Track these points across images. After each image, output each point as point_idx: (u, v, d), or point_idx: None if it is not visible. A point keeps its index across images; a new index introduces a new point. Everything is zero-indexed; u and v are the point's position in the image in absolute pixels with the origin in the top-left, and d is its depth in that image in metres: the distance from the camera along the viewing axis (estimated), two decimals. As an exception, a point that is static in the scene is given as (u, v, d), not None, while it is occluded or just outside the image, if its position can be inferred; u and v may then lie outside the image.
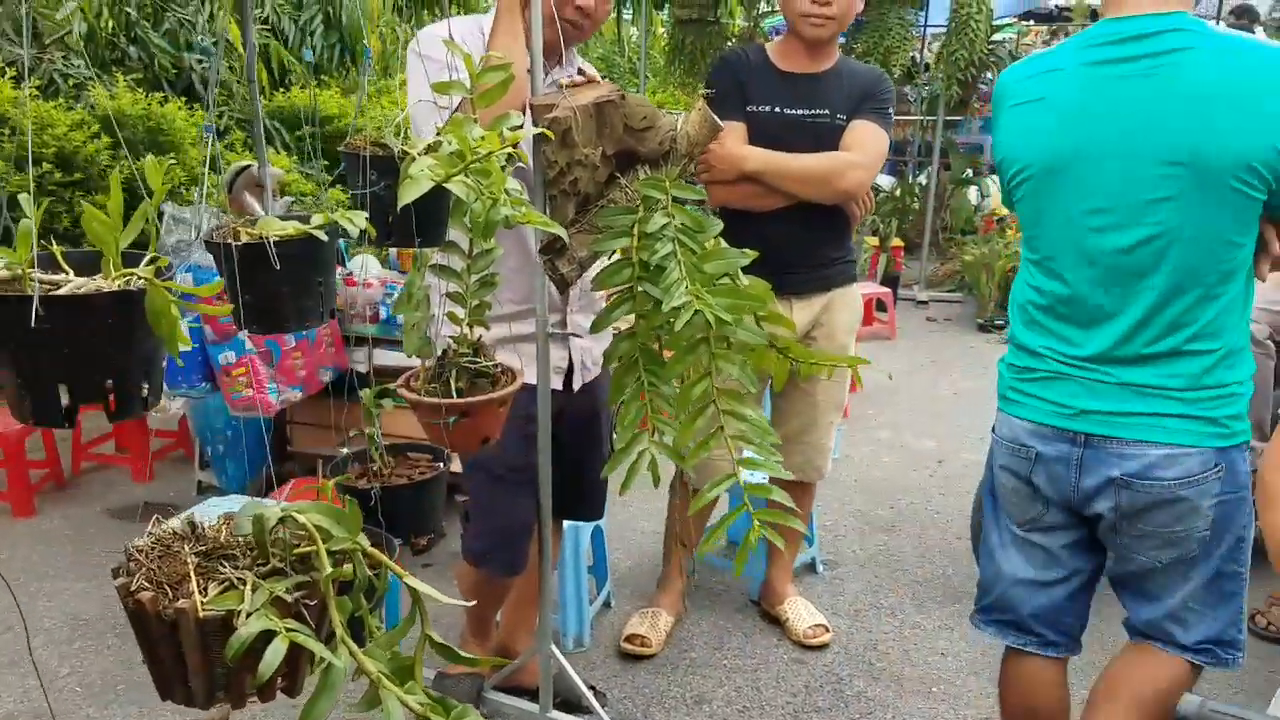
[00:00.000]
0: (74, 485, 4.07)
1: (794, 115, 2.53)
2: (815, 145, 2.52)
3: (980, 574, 1.98)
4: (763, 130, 2.51)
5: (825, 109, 2.54)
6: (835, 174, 2.50)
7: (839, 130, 2.54)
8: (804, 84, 2.55)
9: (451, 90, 1.45)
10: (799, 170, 2.50)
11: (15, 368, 0.89)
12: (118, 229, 0.89)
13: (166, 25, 6.45)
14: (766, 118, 2.52)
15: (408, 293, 1.69)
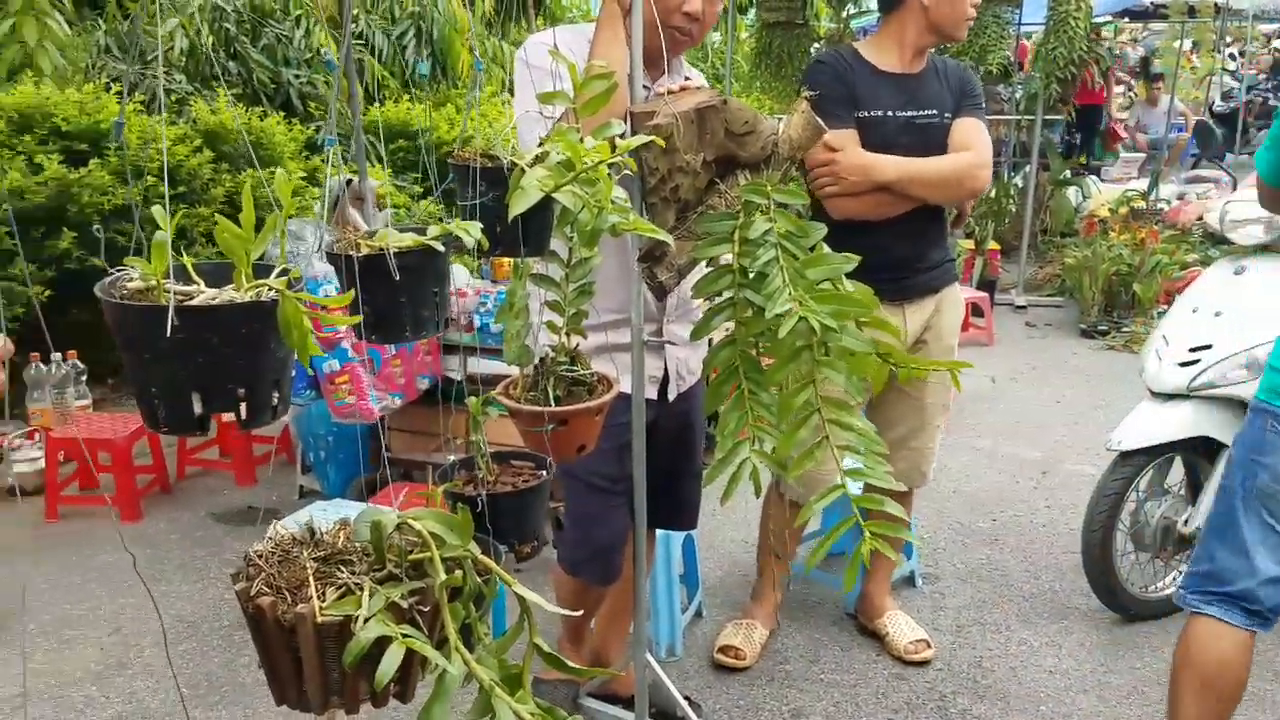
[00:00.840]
0: (179, 490, 4.21)
1: (905, 118, 2.49)
2: (924, 147, 2.48)
3: (1214, 563, 1.98)
4: (877, 135, 2.47)
5: (934, 109, 2.51)
6: (966, 175, 2.48)
7: (945, 129, 2.51)
8: (909, 85, 2.52)
9: (555, 100, 1.46)
10: (933, 175, 2.47)
11: (150, 376, 0.92)
12: (250, 241, 0.92)
13: (264, 41, 6.65)
14: (879, 122, 2.48)
15: (509, 302, 1.70)
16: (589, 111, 1.46)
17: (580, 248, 1.54)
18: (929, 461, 2.78)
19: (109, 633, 3.07)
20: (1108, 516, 2.92)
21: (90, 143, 4.94)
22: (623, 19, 1.75)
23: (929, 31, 2.50)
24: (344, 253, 1.21)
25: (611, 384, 1.72)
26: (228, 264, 0.95)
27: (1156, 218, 7.35)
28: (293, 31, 6.78)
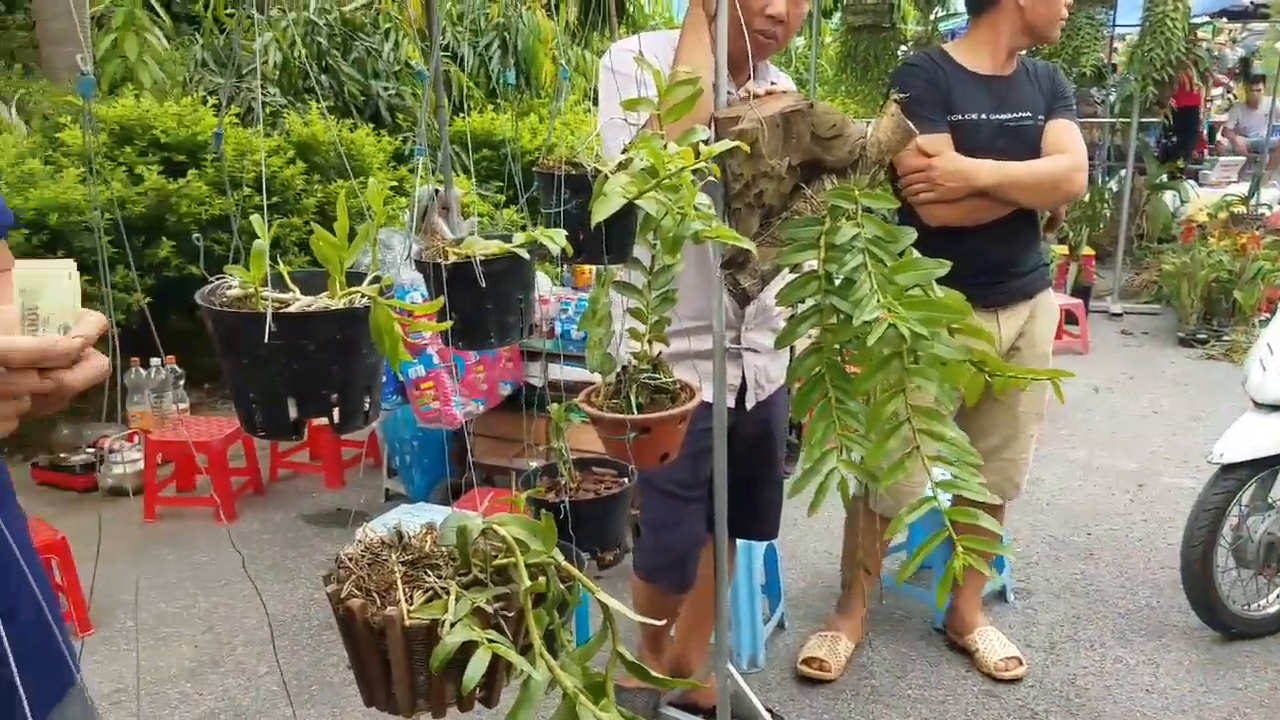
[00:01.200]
0: (272, 492, 4.33)
1: (998, 121, 2.44)
2: (1018, 150, 2.43)
3: None
4: (973, 139, 2.42)
5: (1027, 111, 2.46)
6: (1063, 179, 2.43)
7: (1038, 132, 2.46)
8: (1001, 87, 2.47)
9: (640, 107, 1.46)
10: (1030, 179, 2.42)
11: (247, 382, 0.94)
12: (343, 250, 0.93)
13: (355, 55, 6.81)
14: (973, 125, 2.43)
15: (591, 309, 1.70)
16: (673, 117, 1.45)
17: (663, 254, 1.54)
18: (1022, 472, 2.71)
19: (203, 630, 3.16)
20: (1208, 531, 2.81)
21: (188, 154, 5.11)
22: (707, 24, 1.74)
23: (1023, 33, 2.44)
24: (432, 261, 1.23)
25: (694, 392, 1.71)
26: (321, 272, 0.97)
27: (1258, 223, 7.08)
28: (382, 45, 6.93)
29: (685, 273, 1.95)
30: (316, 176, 5.43)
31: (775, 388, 2.33)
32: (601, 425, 1.63)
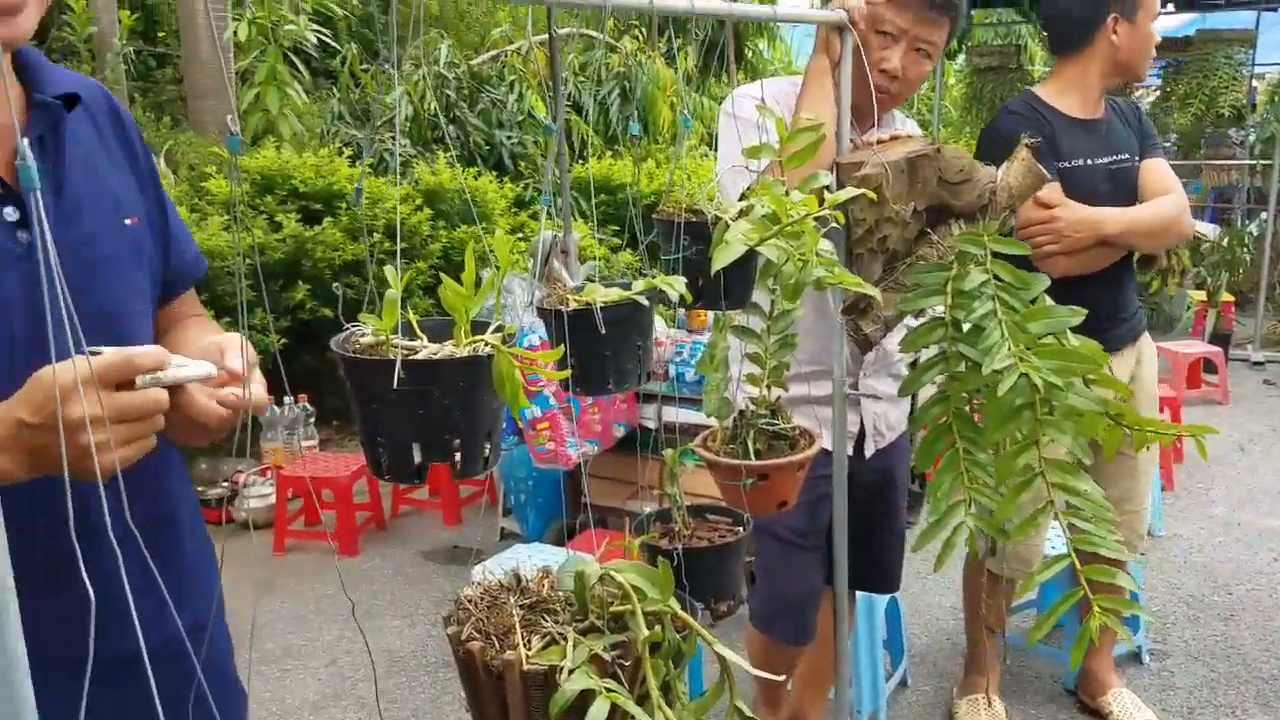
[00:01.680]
0: (393, 528, 4.43)
1: (1103, 165, 2.37)
2: (1121, 194, 2.37)
3: None
4: (1081, 186, 2.34)
5: (1125, 153, 2.38)
6: (1176, 221, 2.35)
7: (1136, 172, 2.39)
8: (1100, 129, 2.39)
9: (762, 153, 1.46)
10: (1150, 224, 2.34)
11: (376, 427, 0.96)
12: (470, 299, 0.95)
13: (481, 105, 7.04)
14: (1081, 171, 2.36)
15: (709, 354, 1.69)
16: (795, 164, 1.44)
17: (783, 300, 1.52)
18: (1145, 524, 2.62)
19: (326, 664, 3.24)
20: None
21: (324, 202, 5.35)
22: (831, 71, 1.73)
23: (1114, 72, 2.36)
24: (553, 308, 1.24)
25: (814, 438, 1.68)
26: (448, 319, 0.99)
27: None
28: (507, 96, 7.14)
29: (803, 317, 1.94)
30: (442, 222, 5.61)
31: (895, 435, 2.27)
32: (718, 471, 1.61)
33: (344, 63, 7.41)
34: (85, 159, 1.11)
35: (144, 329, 1.18)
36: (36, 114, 1.05)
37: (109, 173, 1.15)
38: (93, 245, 1.09)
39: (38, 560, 1.02)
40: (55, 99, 1.07)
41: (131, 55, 7.35)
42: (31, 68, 1.08)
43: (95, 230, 1.09)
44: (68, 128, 1.10)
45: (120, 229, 1.13)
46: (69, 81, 1.11)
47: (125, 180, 1.17)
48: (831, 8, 1.72)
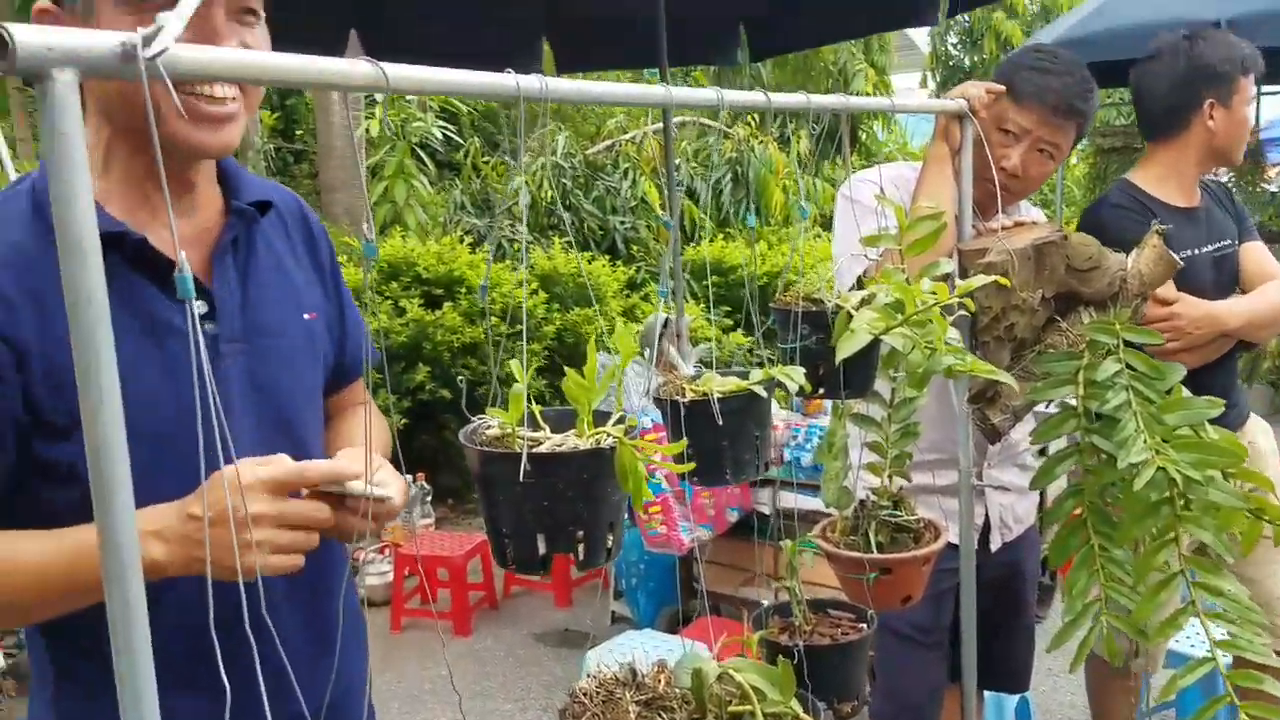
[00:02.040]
0: (505, 608, 4.45)
1: (1207, 254, 2.27)
2: (1224, 281, 2.27)
3: None
4: (1190, 278, 2.25)
5: (1227, 239, 2.28)
6: None
7: (1236, 258, 2.28)
8: (1200, 217, 2.29)
9: (881, 241, 1.45)
10: (1267, 314, 2.24)
11: (502, 517, 0.97)
12: (592, 390, 0.96)
13: (595, 193, 7.23)
14: (1191, 263, 2.26)
15: (828, 441, 1.67)
16: (916, 251, 1.43)
17: (906, 388, 1.50)
18: None
19: (439, 745, 3.25)
20: None
21: (445, 287, 5.53)
22: (951, 159, 1.72)
23: (1211, 159, 2.26)
24: (669, 398, 1.24)
25: (938, 531, 1.63)
26: (568, 410, 1.01)
27: None
28: (621, 183, 7.32)
29: (926, 405, 1.90)
30: (556, 305, 5.73)
31: (1023, 528, 2.19)
32: (839, 564, 1.57)
33: (466, 155, 7.72)
34: (272, 259, 1.21)
35: (314, 417, 1.27)
36: (233, 219, 1.16)
37: (293, 272, 1.24)
38: (272, 336, 1.18)
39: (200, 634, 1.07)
40: (249, 205, 1.17)
41: (271, 152, 7.81)
42: (230, 176, 1.19)
43: (275, 323, 1.18)
44: (260, 230, 1.20)
45: (299, 323, 1.22)
46: (263, 190, 1.22)
47: (308, 279, 1.27)
48: (951, 96, 1.71)
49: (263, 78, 0.67)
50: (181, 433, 1.05)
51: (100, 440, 0.60)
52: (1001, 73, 1.93)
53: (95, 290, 0.58)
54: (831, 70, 8.98)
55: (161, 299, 1.07)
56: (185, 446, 1.05)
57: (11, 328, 1.00)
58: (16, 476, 1.04)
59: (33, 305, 1.01)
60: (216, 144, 1.05)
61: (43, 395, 1.01)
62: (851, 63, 9.14)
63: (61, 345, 1.03)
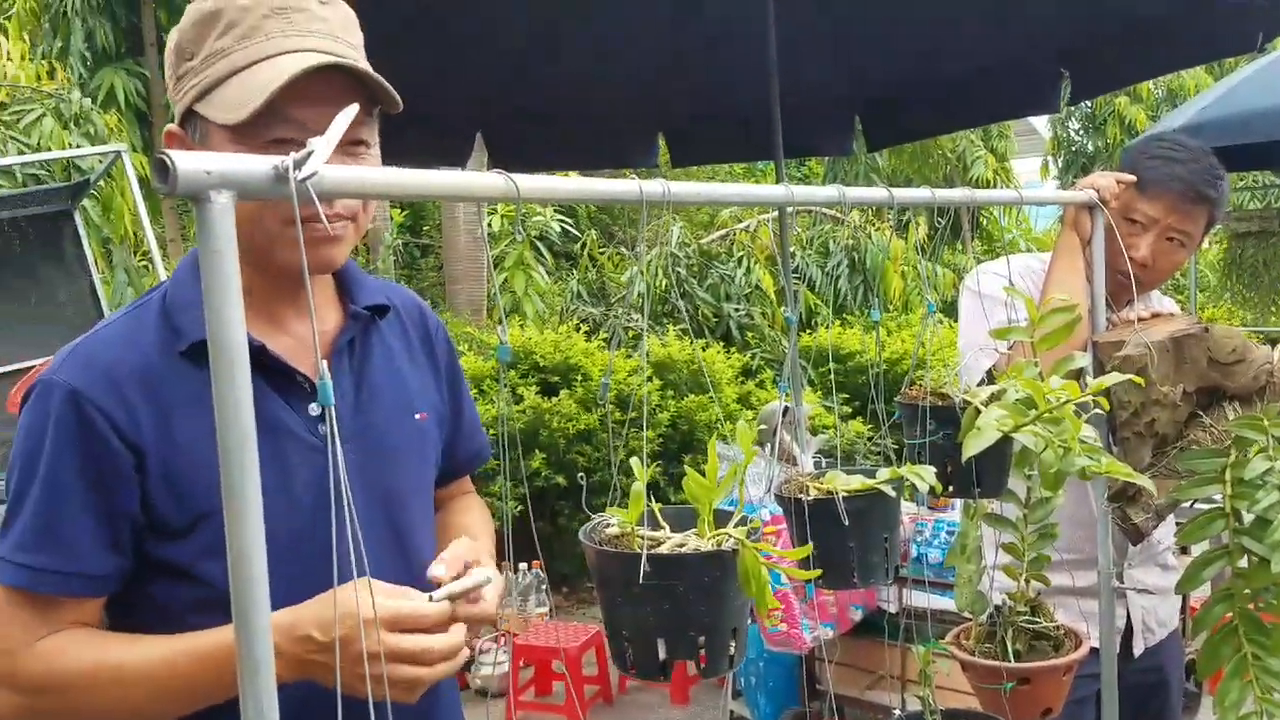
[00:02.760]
0: (619, 703, 4.37)
1: None
2: None
3: None
4: None
5: None
6: None
7: None
8: None
9: (1011, 335, 1.41)
10: None
11: (621, 619, 0.96)
12: (713, 491, 0.95)
13: (710, 280, 7.29)
14: None
15: (960, 543, 1.61)
16: (1048, 345, 1.39)
17: (1044, 489, 1.44)
18: None
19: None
20: None
21: (561, 375, 5.61)
22: (1081, 250, 1.68)
23: None
24: (792, 496, 1.22)
25: (1079, 639, 1.54)
26: (687, 507, 1.00)
27: None
28: (734, 271, 7.37)
29: (1062, 503, 1.81)
30: (670, 392, 5.74)
31: (1166, 632, 2.06)
32: (974, 672, 1.50)
33: (583, 247, 7.91)
34: (387, 360, 1.25)
35: (423, 515, 1.29)
36: (350, 322, 1.20)
37: (408, 372, 1.28)
38: (382, 436, 1.20)
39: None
40: (366, 309, 1.22)
41: (400, 247, 8.16)
42: (349, 281, 1.24)
43: (385, 424, 1.21)
44: (377, 332, 1.25)
45: (410, 424, 1.25)
46: (382, 292, 1.27)
47: (423, 379, 1.30)
48: (1080, 187, 1.67)
49: (406, 193, 0.70)
50: (291, 532, 1.08)
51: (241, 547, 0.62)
52: (1128, 162, 1.88)
53: (243, 400, 0.61)
54: (950, 157, 8.92)
55: (277, 401, 1.12)
56: (297, 546, 1.08)
57: (134, 433, 1.05)
58: (131, 573, 1.08)
59: (155, 411, 1.06)
60: (324, 261, 1.10)
61: (160, 498, 1.06)
62: (970, 149, 9.07)
63: (179, 450, 1.08)
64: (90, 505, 1.04)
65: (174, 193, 0.59)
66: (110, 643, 1.06)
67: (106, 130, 4.56)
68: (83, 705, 1.05)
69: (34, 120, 4.18)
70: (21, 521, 1.04)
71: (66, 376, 1.05)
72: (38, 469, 1.04)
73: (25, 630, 1.04)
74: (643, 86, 3.77)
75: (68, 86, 4.57)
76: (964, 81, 3.73)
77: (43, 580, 1.03)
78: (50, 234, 3.61)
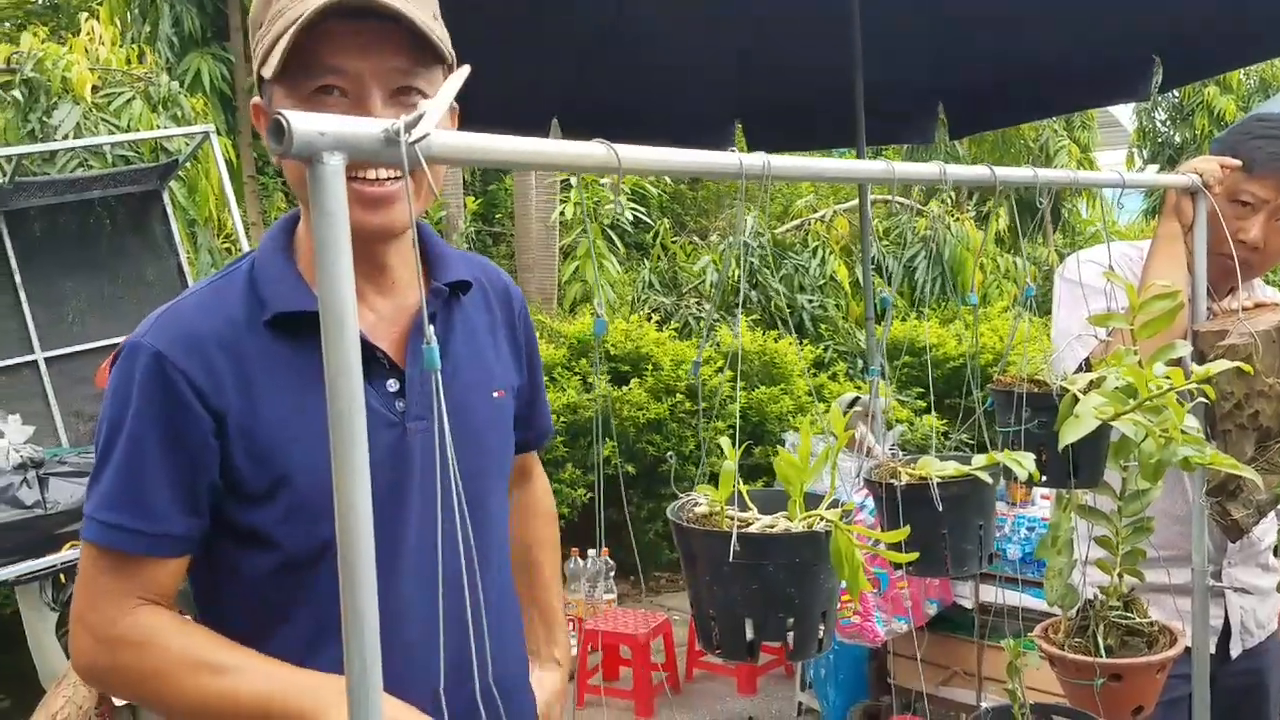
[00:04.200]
0: (687, 691, 4.37)
1: None
2: None
3: None
4: None
5: None
6: None
7: None
8: None
9: (1111, 322, 1.36)
10: None
11: (709, 599, 0.95)
12: (805, 472, 0.94)
13: (783, 271, 7.23)
14: None
15: (1052, 535, 1.56)
16: (1148, 333, 1.34)
17: (1142, 480, 1.39)
18: None
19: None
20: None
21: (632, 365, 5.62)
22: (1183, 236, 1.62)
23: None
24: (883, 480, 1.20)
25: (1175, 636, 1.49)
26: (774, 491, 0.99)
27: None
28: (809, 261, 7.29)
29: (1158, 497, 1.76)
30: (742, 384, 5.71)
31: (1266, 634, 1.99)
32: (1063, 667, 1.46)
33: (655, 236, 7.90)
34: (469, 337, 1.25)
35: (499, 492, 1.30)
36: (431, 298, 1.20)
37: (488, 349, 1.28)
38: (462, 414, 1.20)
39: None
40: (448, 284, 1.22)
41: (473, 235, 8.24)
42: (434, 256, 1.24)
43: (466, 401, 1.21)
44: (460, 308, 1.25)
45: (488, 402, 1.25)
46: (468, 268, 1.27)
47: (503, 356, 1.31)
48: (1183, 171, 1.62)
49: (510, 160, 0.70)
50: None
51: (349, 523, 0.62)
52: (1227, 146, 1.81)
53: (353, 363, 0.61)
54: (1032, 147, 8.72)
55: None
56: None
57: (216, 397, 1.06)
58: (211, 535, 1.10)
59: (237, 377, 1.08)
60: (376, 223, 1.08)
61: (240, 462, 1.07)
62: (1054, 139, 8.85)
63: (260, 416, 1.09)
64: (171, 466, 1.06)
65: (288, 154, 0.59)
66: (204, 646, 1.07)
67: (193, 113, 4.68)
68: (151, 691, 1.08)
69: (124, 103, 4.31)
70: (106, 481, 1.07)
71: (152, 340, 1.07)
72: (122, 429, 1.06)
73: (116, 584, 1.07)
74: (720, 72, 3.74)
75: (156, 70, 4.70)
76: (1052, 67, 3.64)
77: (125, 538, 1.06)
78: (140, 213, 3.71)
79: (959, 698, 3.35)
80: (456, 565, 1.01)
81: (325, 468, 0.64)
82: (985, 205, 8.40)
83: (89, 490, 1.09)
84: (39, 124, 4.03)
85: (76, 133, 4.03)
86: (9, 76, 4.16)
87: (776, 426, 5.53)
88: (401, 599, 1.11)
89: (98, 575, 1.08)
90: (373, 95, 1.05)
